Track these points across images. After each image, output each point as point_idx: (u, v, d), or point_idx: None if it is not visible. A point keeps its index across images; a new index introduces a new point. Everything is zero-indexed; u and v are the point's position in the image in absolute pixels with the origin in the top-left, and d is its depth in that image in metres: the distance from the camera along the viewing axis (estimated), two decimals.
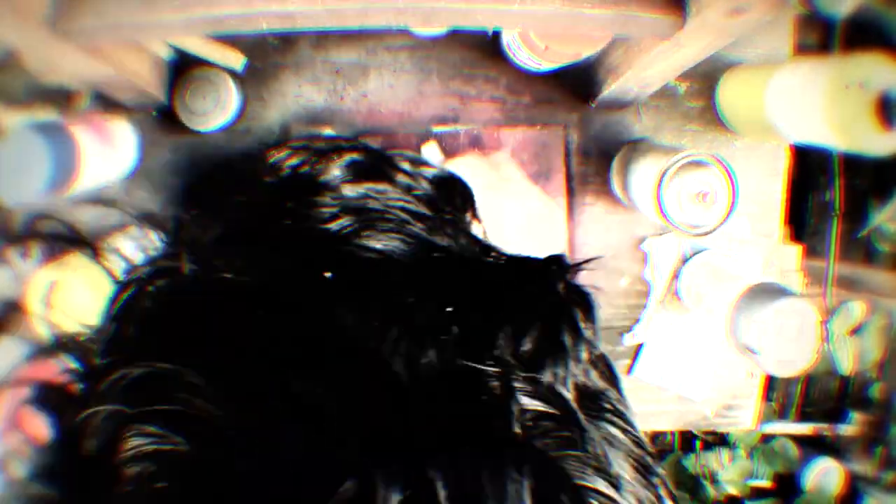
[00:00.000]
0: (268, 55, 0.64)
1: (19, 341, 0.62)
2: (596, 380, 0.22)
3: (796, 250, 0.69)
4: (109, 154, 0.59)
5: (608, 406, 0.21)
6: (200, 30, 0.45)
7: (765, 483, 1.21)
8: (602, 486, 0.18)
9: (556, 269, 0.25)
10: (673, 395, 0.70)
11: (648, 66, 0.52)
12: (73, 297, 0.52)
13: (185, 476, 0.16)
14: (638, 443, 0.21)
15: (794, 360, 0.54)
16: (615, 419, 0.21)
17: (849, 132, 0.47)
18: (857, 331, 1.08)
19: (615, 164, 0.64)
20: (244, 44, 0.63)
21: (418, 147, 0.66)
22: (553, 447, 0.18)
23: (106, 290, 0.24)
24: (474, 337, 0.19)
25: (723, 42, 0.47)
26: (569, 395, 0.20)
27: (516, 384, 0.18)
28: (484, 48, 0.64)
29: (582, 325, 0.22)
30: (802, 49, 0.68)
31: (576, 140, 0.67)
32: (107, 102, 0.63)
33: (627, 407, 0.23)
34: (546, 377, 0.19)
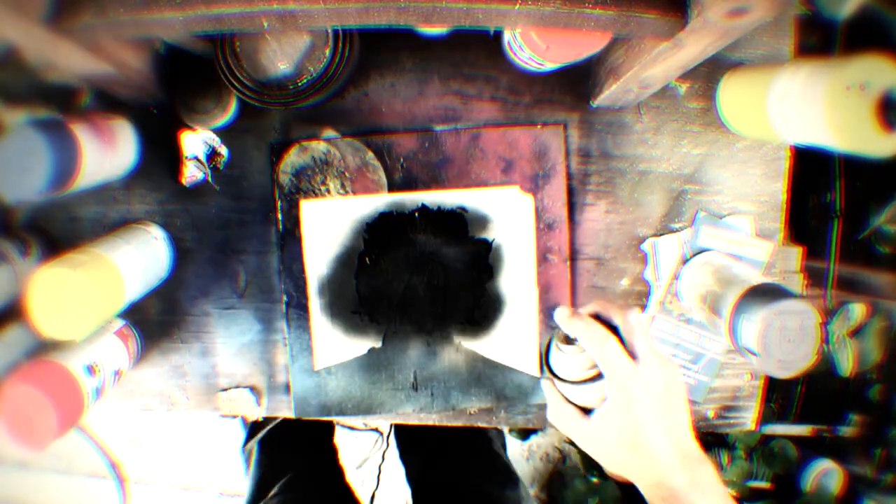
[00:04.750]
0: None
1: (19, 338, 0.62)
2: None
3: (797, 251, 0.69)
4: (110, 152, 0.59)
5: None
6: (201, 27, 0.45)
7: (764, 484, 1.21)
8: None
9: None
10: None
11: (649, 67, 0.52)
12: (72, 295, 0.52)
13: None
14: None
15: (794, 362, 0.54)
16: None
17: (849, 133, 0.47)
18: (857, 332, 1.08)
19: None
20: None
21: (419, 145, 0.66)
22: None
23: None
24: None
25: (724, 42, 0.46)
26: None
27: None
28: (484, 48, 0.64)
29: None
30: (804, 50, 0.68)
31: (576, 140, 0.67)
32: (107, 100, 0.63)
33: None
34: None
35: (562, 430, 0.49)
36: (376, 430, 1.46)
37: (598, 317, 0.48)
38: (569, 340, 0.47)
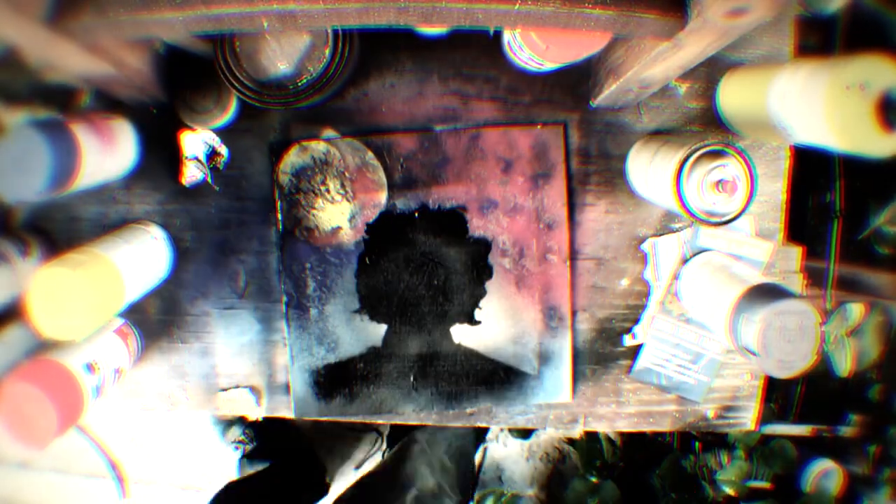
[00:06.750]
0: None
1: (19, 338, 0.62)
2: None
3: (797, 251, 0.69)
4: (109, 152, 0.59)
5: None
6: (201, 27, 0.45)
7: (764, 484, 1.21)
8: None
9: None
10: (673, 395, 0.70)
11: (649, 67, 0.52)
12: (72, 295, 0.52)
13: None
14: None
15: (794, 362, 0.54)
16: None
17: (849, 133, 0.47)
18: (856, 332, 1.08)
19: (631, 154, 0.64)
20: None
21: (419, 145, 0.66)
22: None
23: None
24: None
25: (723, 42, 0.47)
26: None
27: None
28: (484, 48, 0.64)
29: None
30: (803, 50, 0.68)
31: (576, 140, 0.67)
32: (107, 100, 0.64)
33: None
34: None
35: None
36: (376, 430, 1.47)
37: None
38: None
